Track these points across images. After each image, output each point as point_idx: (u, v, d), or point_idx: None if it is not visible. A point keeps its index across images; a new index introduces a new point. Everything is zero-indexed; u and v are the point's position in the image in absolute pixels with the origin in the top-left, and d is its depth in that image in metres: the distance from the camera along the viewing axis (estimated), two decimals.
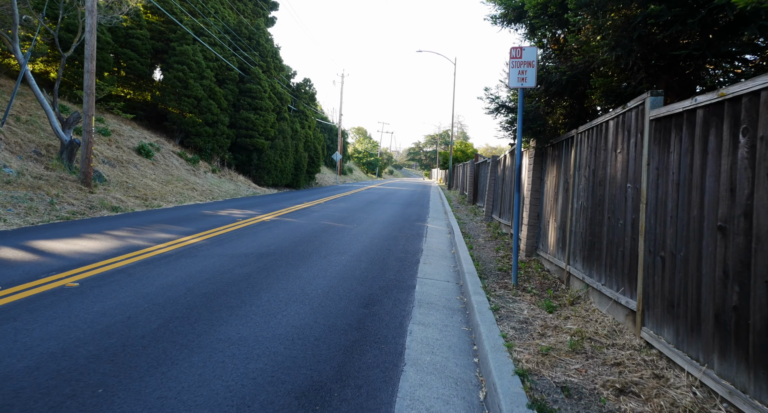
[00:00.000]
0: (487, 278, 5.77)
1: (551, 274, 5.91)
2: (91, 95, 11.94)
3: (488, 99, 6.45)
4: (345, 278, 5.65)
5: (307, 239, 8.39)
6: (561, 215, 5.80)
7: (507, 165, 10.78)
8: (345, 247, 7.85)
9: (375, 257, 7.10)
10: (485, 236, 9.87)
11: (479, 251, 7.99)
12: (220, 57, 22.28)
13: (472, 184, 19.78)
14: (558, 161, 6.16)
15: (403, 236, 9.47)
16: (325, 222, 11.06)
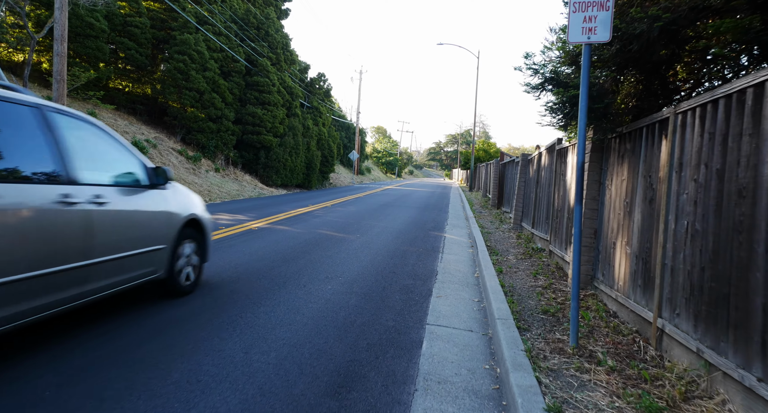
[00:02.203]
0: (529, 330, 3.92)
1: (624, 324, 4.02)
2: (62, 82, 10.47)
3: (529, 70, 4.59)
4: (319, 327, 3.87)
5: (291, 257, 6.65)
6: (641, 237, 3.91)
7: (543, 164, 8.86)
8: (336, 269, 6.07)
9: (372, 287, 5.31)
10: (516, 253, 7.97)
11: (511, 276, 6.12)
12: (225, 48, 20.80)
13: (497, 186, 17.81)
14: (632, 157, 4.27)
15: (413, 252, 7.65)
16: (324, 231, 9.31)
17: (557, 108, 4.63)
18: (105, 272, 3.47)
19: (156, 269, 4.14)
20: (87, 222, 3.28)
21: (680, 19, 3.28)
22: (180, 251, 4.50)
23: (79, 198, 3.23)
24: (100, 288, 3.46)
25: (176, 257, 4.43)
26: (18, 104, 3.06)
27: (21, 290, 2.78)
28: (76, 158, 3.37)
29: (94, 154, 3.76)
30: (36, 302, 2.89)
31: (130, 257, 3.74)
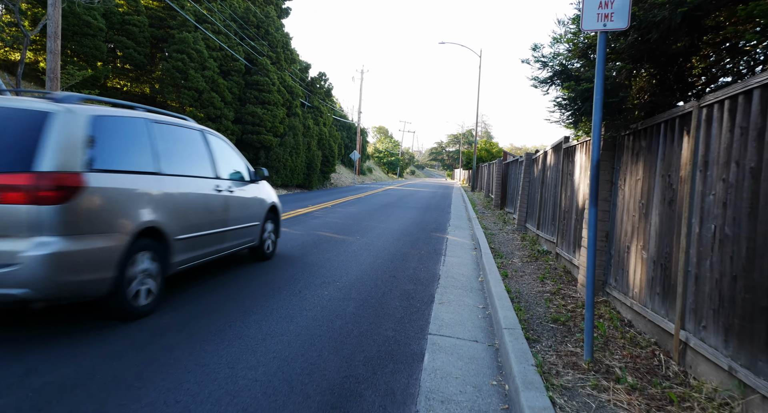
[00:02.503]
0: (538, 341, 3.64)
1: (641, 334, 3.74)
2: (56, 80, 10.22)
3: (537, 63, 4.31)
4: (313, 338, 3.60)
5: (287, 261, 6.38)
6: (659, 242, 3.63)
7: (549, 164, 8.58)
8: (334, 273, 5.81)
9: (371, 292, 5.04)
10: (522, 255, 7.69)
11: (517, 280, 5.84)
12: (225, 46, 20.57)
13: (500, 186, 17.53)
14: (648, 156, 4.00)
15: (415, 255, 7.38)
16: (323, 233, 9.05)
17: (567, 104, 4.35)
18: (231, 236, 5.30)
19: (253, 239, 5.97)
20: (225, 203, 5.14)
21: (706, 4, 3.00)
22: (266, 227, 6.33)
23: (222, 188, 5.11)
24: (228, 247, 5.29)
25: (263, 232, 6.23)
26: (193, 129, 4.95)
27: (197, 242, 4.58)
28: (218, 162, 5.24)
29: (224, 159, 5.46)
30: (202, 251, 4.72)
31: (243, 228, 5.57)
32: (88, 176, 3.37)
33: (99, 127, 3.62)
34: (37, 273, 3.02)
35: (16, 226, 3.05)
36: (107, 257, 3.45)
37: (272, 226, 6.58)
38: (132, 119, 4.06)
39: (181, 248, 4.30)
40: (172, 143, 4.48)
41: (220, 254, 5.16)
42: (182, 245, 4.32)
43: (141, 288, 3.81)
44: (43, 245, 3.07)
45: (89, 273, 3.32)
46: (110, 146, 3.72)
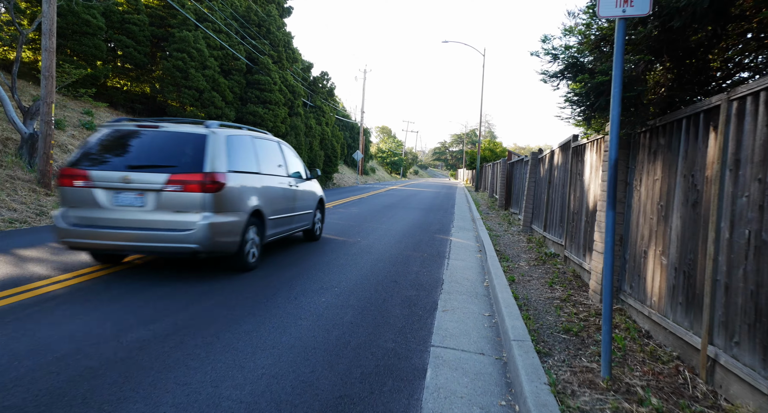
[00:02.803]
0: (550, 354, 3.37)
1: (661, 347, 3.46)
2: (50, 79, 10.01)
3: (547, 55, 4.04)
4: (307, 351, 3.34)
5: (285, 264, 6.13)
6: (681, 247, 3.35)
7: (556, 163, 8.29)
8: (332, 278, 5.55)
9: (371, 299, 4.77)
10: (528, 258, 7.41)
11: (524, 285, 5.57)
12: (226, 45, 20.35)
13: (504, 186, 17.23)
14: (668, 154, 3.72)
15: (417, 257, 7.11)
16: (325, 234, 8.80)
17: (579, 99, 4.08)
18: (296, 220, 7.01)
19: (308, 224, 7.67)
20: (294, 195, 6.84)
21: None
22: (316, 214, 8.03)
23: (291, 184, 6.82)
24: (293, 228, 7.00)
25: (314, 218, 7.94)
26: (273, 141, 6.72)
27: (278, 222, 6.22)
28: (288, 164, 7.03)
29: (291, 162, 7.24)
30: (280, 229, 6.39)
31: (303, 214, 7.28)
32: (227, 175, 5.09)
33: (230, 143, 5.34)
34: (203, 235, 4.78)
35: (192, 206, 4.84)
36: (237, 227, 5.19)
37: (320, 215, 8.37)
38: (244, 137, 5.81)
39: (270, 226, 6.09)
40: (264, 151, 6.30)
41: (288, 233, 6.92)
42: (271, 223, 6.11)
43: (251, 251, 5.58)
44: (206, 217, 4.84)
45: (228, 237, 5.08)
46: (236, 155, 5.39)
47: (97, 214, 4.89)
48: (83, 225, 4.86)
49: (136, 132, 5.21)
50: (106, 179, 4.87)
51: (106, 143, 5.18)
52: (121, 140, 5.21)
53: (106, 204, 4.89)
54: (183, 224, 4.82)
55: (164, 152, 5.06)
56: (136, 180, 4.85)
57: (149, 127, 5.20)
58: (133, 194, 4.88)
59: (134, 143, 5.20)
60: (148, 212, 4.87)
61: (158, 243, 4.81)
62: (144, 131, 5.20)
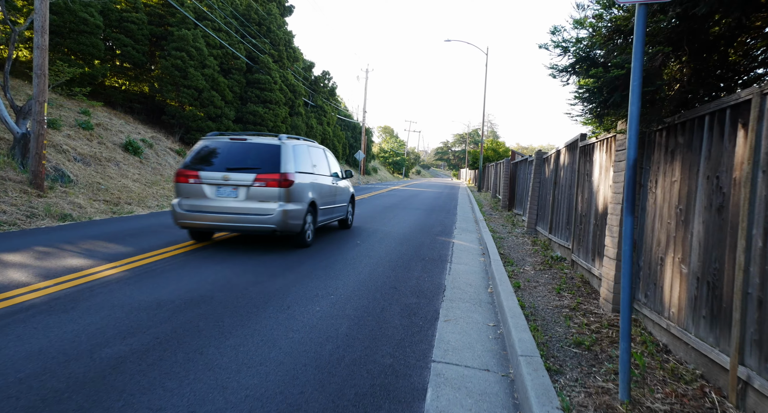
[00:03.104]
0: (561, 372, 3.10)
1: (683, 364, 3.19)
2: (43, 77, 9.78)
3: (557, 48, 3.76)
4: (297, 368, 3.07)
5: (279, 270, 5.87)
6: (704, 255, 3.08)
7: (562, 163, 8.01)
8: (329, 284, 5.28)
9: (369, 308, 4.51)
10: (534, 262, 7.13)
11: (531, 292, 5.29)
12: (225, 44, 20.13)
13: (508, 186, 16.94)
14: (687, 154, 3.44)
15: (418, 262, 6.84)
16: (320, 237, 8.53)
17: (591, 95, 3.80)
18: (336, 211, 8.55)
19: (343, 215, 9.26)
20: (335, 190, 8.46)
21: None
22: (349, 207, 9.70)
23: (333, 181, 8.40)
24: (334, 217, 8.59)
25: (348, 210, 9.59)
26: (319, 148, 8.42)
27: (325, 211, 7.89)
28: (330, 166, 8.69)
29: (332, 164, 8.96)
30: (326, 217, 8.06)
31: (340, 206, 8.85)
32: (295, 174, 6.86)
33: (295, 150, 7.13)
34: (279, 218, 6.49)
35: (272, 197, 6.54)
36: (301, 214, 6.90)
37: (351, 208, 10.05)
38: (303, 145, 7.64)
39: (320, 214, 7.79)
40: (315, 156, 8.12)
41: (330, 221, 8.66)
42: (321, 212, 7.80)
43: (308, 232, 7.32)
44: (281, 205, 6.55)
45: (295, 220, 6.79)
46: (299, 160, 7.18)
47: (204, 202, 6.73)
48: (194, 211, 6.71)
49: (230, 143, 7.06)
50: (211, 178, 6.74)
51: (208, 151, 7.04)
52: (219, 148, 7.04)
53: (211, 195, 6.75)
54: (265, 211, 6.61)
55: (251, 158, 6.87)
56: (232, 178, 6.68)
57: (239, 139, 7.08)
58: (230, 189, 6.73)
59: (229, 151, 6.99)
60: (240, 202, 6.67)
61: (247, 224, 6.63)
62: (235, 142, 7.06)
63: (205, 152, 7.05)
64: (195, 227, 6.88)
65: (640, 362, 3.01)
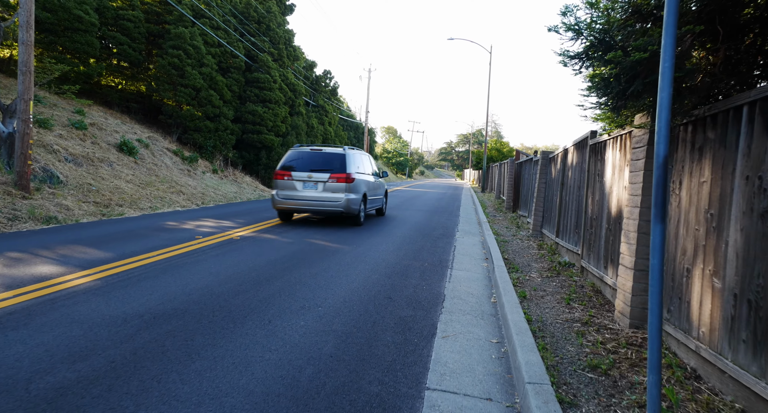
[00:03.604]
0: (576, 404, 2.66)
1: (718, 395, 2.74)
2: (28, 74, 9.41)
3: (569, 31, 3.33)
4: (268, 400, 2.65)
5: (266, 277, 5.45)
6: (743, 268, 2.64)
7: (570, 163, 7.56)
8: (318, 294, 4.86)
9: (359, 322, 4.08)
10: (540, 268, 6.69)
11: (537, 302, 4.85)
12: (224, 43, 19.75)
13: (512, 187, 16.48)
14: (720, 150, 3.00)
15: (417, 268, 6.41)
16: (316, 241, 8.12)
17: (605, 85, 3.36)
18: (376, 201, 11.80)
19: (380, 205, 12.34)
20: (376, 186, 11.63)
21: None
22: (384, 199, 12.76)
23: (374, 178, 11.54)
24: (374, 206, 11.74)
25: (383, 202, 12.71)
26: (365, 154, 11.44)
27: (371, 201, 11.16)
28: (372, 167, 11.91)
29: (372, 165, 11.93)
30: (370, 206, 11.24)
31: (377, 198, 11.92)
32: (355, 174, 9.76)
33: (354, 157, 10.01)
34: (345, 204, 9.42)
35: (340, 189, 9.47)
36: (357, 202, 9.73)
37: (385, 200, 13.10)
38: (356, 153, 10.44)
39: (368, 203, 10.73)
40: (364, 160, 11.02)
41: (373, 209, 11.61)
42: (368, 202, 10.73)
43: (362, 215, 10.16)
44: (347, 195, 9.45)
45: (354, 206, 9.64)
46: (355, 163, 10.03)
47: (294, 193, 9.73)
48: (287, 198, 9.69)
49: (310, 152, 10.10)
50: (299, 176, 9.74)
51: (296, 157, 10.08)
52: (303, 155, 10.06)
53: (299, 188, 9.73)
54: (336, 199, 9.54)
55: (326, 162, 9.83)
56: (314, 177, 9.68)
57: (316, 149, 10.14)
58: (312, 183, 9.68)
59: (310, 158, 9.99)
60: (319, 192, 9.63)
61: (323, 208, 9.60)
62: (314, 151, 10.08)
63: (294, 158, 10.11)
64: (287, 210, 10.04)
65: (672, 397, 2.57)
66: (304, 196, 9.68)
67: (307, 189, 9.72)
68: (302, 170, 9.78)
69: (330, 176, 9.61)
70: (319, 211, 9.73)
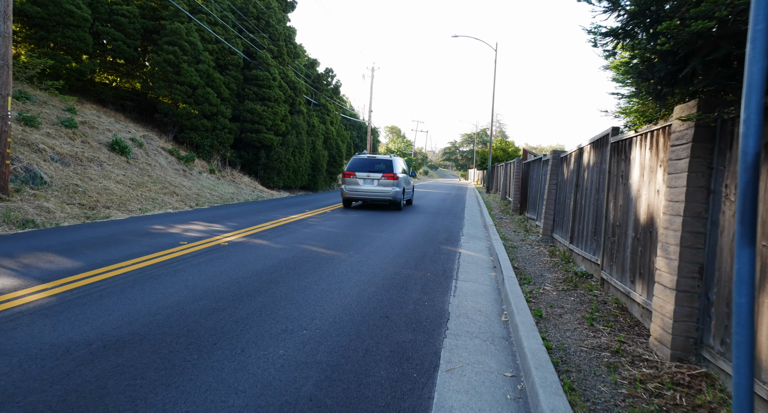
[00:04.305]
0: None
1: None
2: (6, 68, 8.86)
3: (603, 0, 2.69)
4: None
5: (248, 292, 4.85)
6: None
7: (586, 163, 6.92)
8: (305, 313, 4.25)
9: (349, 349, 3.46)
10: (554, 279, 6.06)
11: (556, 323, 4.23)
12: (221, 39, 19.18)
13: (519, 188, 15.82)
14: None
15: (418, 279, 5.79)
16: (310, 247, 7.51)
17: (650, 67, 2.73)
18: (407, 194, 16.00)
19: (410, 197, 16.65)
20: (408, 181, 16.13)
21: None
22: (411, 193, 16.97)
23: (407, 177, 16.13)
24: (406, 197, 15.94)
25: (412, 195, 17.28)
26: (401, 159, 16.21)
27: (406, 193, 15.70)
28: (405, 168, 16.43)
29: (405, 167, 16.20)
30: (405, 197, 15.74)
31: (408, 191, 16.24)
32: (398, 174, 14.24)
33: (397, 161, 14.70)
34: (392, 195, 13.91)
35: (389, 185, 13.93)
36: (400, 193, 14.29)
37: (412, 194, 16.80)
38: (398, 158, 14.90)
39: (406, 195, 15.36)
40: (401, 162, 15.36)
41: (406, 200, 15.84)
42: (406, 194, 15.45)
43: (403, 202, 14.92)
44: (393, 189, 13.90)
45: (398, 196, 14.16)
46: (398, 166, 14.65)
47: (357, 187, 13.76)
48: (352, 191, 13.92)
49: (367, 157, 14.36)
50: (361, 175, 13.72)
51: (357, 162, 14.21)
52: (362, 160, 14.26)
53: (360, 184, 13.69)
54: (386, 191, 13.58)
55: (379, 165, 13.91)
56: (371, 176, 13.68)
57: (371, 156, 14.42)
58: (370, 180, 13.60)
59: (367, 162, 14.11)
60: (375, 186, 13.60)
61: (377, 198, 13.69)
62: (370, 157, 14.36)
63: (355, 162, 14.38)
64: (352, 199, 14.29)
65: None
66: (364, 189, 14.03)
67: (366, 184, 14.02)
68: (362, 171, 14.06)
69: (382, 175, 13.92)
70: (374, 200, 14.08)
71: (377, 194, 13.81)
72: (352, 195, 14.07)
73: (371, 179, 13.86)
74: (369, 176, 13.87)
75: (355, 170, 14.04)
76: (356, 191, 13.94)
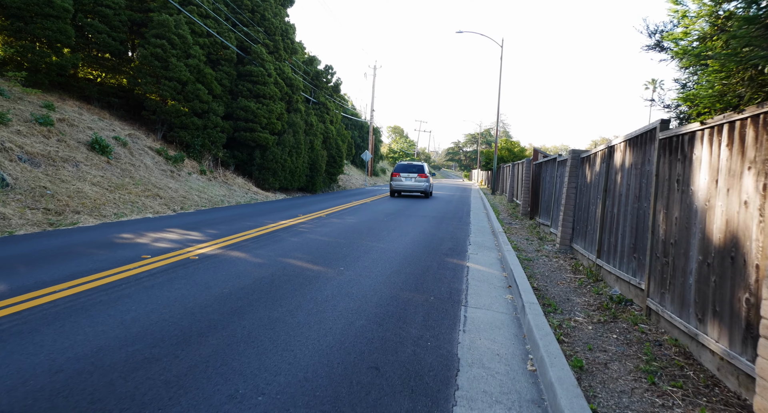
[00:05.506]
0: None
1: None
2: None
3: None
4: None
5: (201, 328, 3.78)
6: None
7: (620, 164, 5.83)
8: (269, 362, 3.18)
9: None
10: (585, 304, 4.98)
11: (604, 380, 3.15)
12: (213, 32, 18.16)
13: (529, 191, 14.73)
14: None
15: (420, 305, 4.71)
16: (294, 261, 6.45)
17: None
18: (431, 187, 23.65)
19: (431, 190, 23.43)
20: (431, 179, 24.91)
21: None
22: (432, 189, 25.20)
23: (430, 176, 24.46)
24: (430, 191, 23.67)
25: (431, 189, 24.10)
26: (425, 163, 25.91)
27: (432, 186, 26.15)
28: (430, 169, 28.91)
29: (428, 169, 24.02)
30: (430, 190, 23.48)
31: (432, 185, 24.75)
32: (427, 174, 22.58)
33: (425, 165, 22.86)
34: (425, 188, 22.25)
35: (423, 181, 22.07)
36: (430, 187, 22.98)
37: (432, 188, 23.52)
38: (425, 163, 23.50)
39: (432, 188, 23.89)
40: (427, 166, 24.52)
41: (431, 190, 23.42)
42: (432, 187, 23.81)
43: (431, 193, 23.97)
44: (426, 183, 22.16)
45: (429, 189, 22.73)
46: (426, 168, 22.86)
47: (401, 182, 21.81)
48: (398, 186, 22.04)
49: (407, 163, 22.47)
50: (403, 175, 21.79)
51: (400, 166, 22.36)
52: (403, 165, 22.39)
53: (404, 181, 21.74)
54: (420, 185, 21.77)
55: (415, 168, 22.06)
56: (411, 175, 21.76)
57: (410, 162, 22.76)
58: (409, 178, 21.70)
59: (408, 166, 22.26)
60: (412, 182, 21.70)
61: (415, 189, 21.85)
62: (408, 163, 22.49)
63: (400, 166, 22.11)
64: (398, 191, 21.96)
65: None
66: (405, 184, 21.52)
67: (407, 181, 21.50)
68: (404, 172, 21.68)
69: (417, 175, 21.52)
70: (412, 190, 21.77)
71: (415, 187, 21.64)
72: (398, 188, 21.76)
73: (410, 177, 21.59)
74: (409, 175, 21.59)
75: (400, 171, 21.82)
76: (401, 185, 21.65)
